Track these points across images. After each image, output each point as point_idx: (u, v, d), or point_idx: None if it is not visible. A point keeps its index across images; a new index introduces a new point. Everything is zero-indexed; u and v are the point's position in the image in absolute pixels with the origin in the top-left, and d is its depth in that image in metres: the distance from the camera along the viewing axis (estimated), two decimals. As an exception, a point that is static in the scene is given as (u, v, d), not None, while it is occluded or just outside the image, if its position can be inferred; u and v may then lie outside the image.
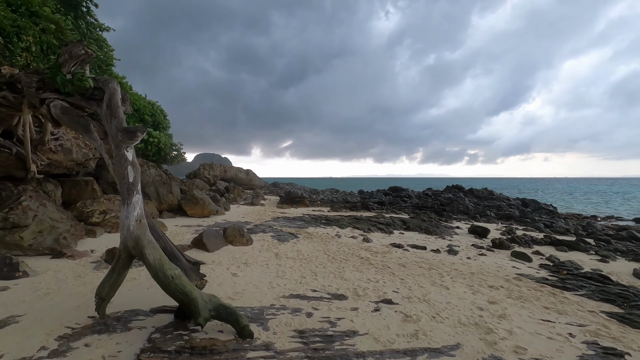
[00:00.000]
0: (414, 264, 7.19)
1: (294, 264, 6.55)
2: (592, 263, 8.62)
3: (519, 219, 17.50)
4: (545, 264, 8.22)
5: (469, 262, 7.71)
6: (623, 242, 11.92)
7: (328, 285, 5.38)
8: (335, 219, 13.15)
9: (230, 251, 7.28)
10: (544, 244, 10.82)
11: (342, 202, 21.74)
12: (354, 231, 11.25)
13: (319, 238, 9.52)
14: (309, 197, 21.93)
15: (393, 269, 6.65)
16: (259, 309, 4.27)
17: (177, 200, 11.73)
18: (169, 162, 29.84)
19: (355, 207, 18.26)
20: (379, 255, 7.78)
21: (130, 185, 3.91)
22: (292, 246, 8.23)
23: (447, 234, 12.00)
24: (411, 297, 4.98)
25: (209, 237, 7.30)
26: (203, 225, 10.47)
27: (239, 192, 22.25)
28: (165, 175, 11.79)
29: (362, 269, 6.53)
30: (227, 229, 8.02)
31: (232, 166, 37.27)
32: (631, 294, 5.74)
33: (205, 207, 11.83)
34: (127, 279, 4.94)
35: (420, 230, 12.20)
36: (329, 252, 7.78)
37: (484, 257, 8.56)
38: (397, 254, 8.07)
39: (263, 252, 7.37)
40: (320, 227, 11.68)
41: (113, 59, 17.49)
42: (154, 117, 25.15)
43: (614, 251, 10.13)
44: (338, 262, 6.96)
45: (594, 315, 4.83)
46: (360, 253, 7.92)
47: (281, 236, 9.31)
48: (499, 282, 6.22)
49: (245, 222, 11.74)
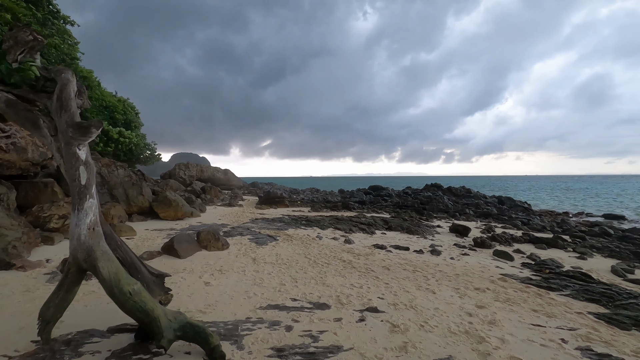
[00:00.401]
0: (398, 266, 6.95)
1: (273, 270, 6.15)
2: (572, 260, 8.67)
3: (497, 216, 17.76)
4: (527, 262, 8.19)
5: (452, 263, 7.55)
6: (597, 239, 12.21)
7: (309, 292, 5.02)
8: (316, 220, 12.81)
9: (204, 257, 6.79)
10: (524, 242, 10.89)
11: (323, 202, 21.44)
12: (335, 232, 10.94)
13: (299, 240, 9.15)
14: (288, 197, 21.48)
15: (377, 272, 6.37)
16: (233, 323, 3.86)
17: (148, 202, 11.04)
18: (143, 162, 28.60)
19: (336, 207, 17.99)
20: (362, 258, 7.50)
21: (82, 189, 3.41)
22: (270, 250, 7.82)
23: (428, 233, 11.90)
24: (397, 304, 4.70)
25: (180, 243, 6.79)
26: (176, 229, 9.87)
27: (216, 193, 21.50)
28: (135, 175, 11.07)
29: (345, 273, 6.22)
30: (201, 232, 7.52)
31: (210, 166, 36.24)
32: (614, 292, 5.71)
33: (178, 209, 11.19)
34: (84, 293, 4.42)
35: (402, 230, 12.04)
36: (310, 256, 7.42)
37: (467, 257, 8.45)
38: (381, 256, 7.82)
39: (240, 257, 6.93)
40: (300, 228, 11.31)
41: (77, 52, 16.42)
42: (125, 115, 23.97)
43: (590, 248, 10.29)
44: (319, 266, 6.61)
45: (582, 317, 4.71)
46: (343, 256, 7.62)
47: (259, 239, 8.88)
48: (485, 283, 6.06)
49: (221, 225, 11.20)
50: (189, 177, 28.43)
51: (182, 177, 27.64)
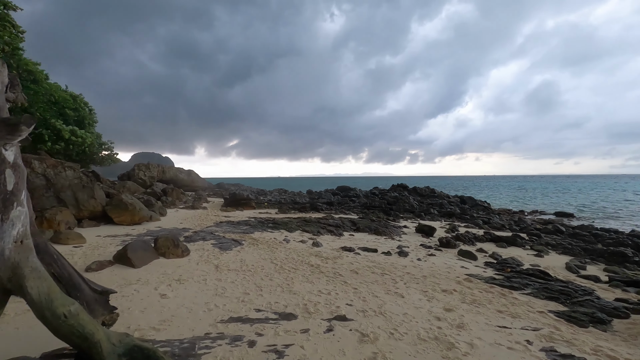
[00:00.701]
0: (367, 269, 6.84)
1: (237, 278, 5.81)
2: (530, 258, 9.05)
3: (460, 216, 18.38)
4: (489, 261, 8.42)
5: (420, 264, 7.59)
6: (551, 236, 12.91)
7: (275, 302, 4.75)
8: (283, 222, 12.51)
9: (162, 266, 6.30)
10: (486, 241, 11.26)
11: (291, 204, 21.13)
12: (303, 235, 10.71)
13: (265, 244, 8.83)
14: (255, 199, 20.95)
15: (345, 276, 6.22)
16: (190, 341, 3.52)
17: (101, 206, 10.19)
18: (98, 162, 26.75)
19: (304, 209, 17.76)
20: (330, 262, 7.33)
21: (8, 195, 2.93)
22: (235, 255, 7.44)
23: (395, 234, 12.00)
24: (366, 311, 4.55)
25: (135, 250, 6.25)
26: (132, 235, 9.18)
27: (178, 195, 20.51)
28: (85, 177, 10.19)
29: (313, 278, 6.01)
30: (159, 238, 6.99)
31: (172, 166, 34.69)
32: (571, 290, 5.94)
33: (135, 213, 10.44)
34: (16, 312, 3.88)
35: (369, 231, 12.05)
36: (277, 261, 7.14)
37: (433, 257, 8.55)
38: (349, 259, 7.69)
39: (201, 265, 6.50)
40: (267, 231, 10.97)
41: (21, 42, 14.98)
42: (77, 112, 22.28)
43: (546, 245, 10.84)
44: (286, 271, 6.35)
45: (544, 316, 4.82)
46: (310, 260, 7.40)
47: (223, 244, 8.46)
48: (452, 284, 6.10)
49: (183, 229, 10.60)
50: (149, 178, 27.02)
51: (142, 179, 26.22)
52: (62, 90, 20.75)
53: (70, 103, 20.70)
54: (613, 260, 9.01)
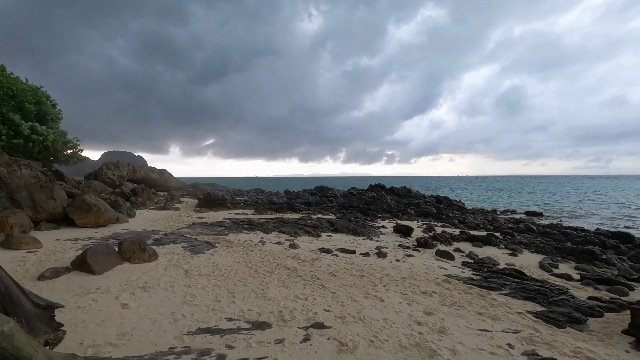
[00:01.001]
0: (345, 271, 6.65)
1: (208, 283, 5.45)
2: (505, 257, 9.17)
3: (436, 215, 18.60)
4: (466, 261, 8.44)
5: (399, 266, 7.47)
6: (523, 235, 13.23)
7: (248, 309, 4.45)
8: (259, 223, 12.14)
9: (126, 272, 5.84)
10: (462, 240, 11.36)
11: (268, 204, 20.68)
12: (280, 236, 10.40)
13: (240, 247, 8.46)
14: (231, 199, 20.34)
15: (323, 280, 5.99)
16: (151, 357, 3.17)
17: (61, 207, 9.45)
18: (62, 161, 25.25)
19: (282, 209, 17.40)
20: (307, 264, 7.08)
21: None
22: (207, 259, 7.05)
23: (374, 234, 11.90)
24: (345, 317, 4.34)
25: (96, 255, 5.76)
26: (95, 238, 8.57)
27: (149, 195, 19.59)
28: (44, 176, 9.42)
29: (289, 282, 5.74)
30: (124, 242, 6.50)
31: (144, 165, 33.32)
32: (547, 289, 5.98)
33: (100, 215, 9.76)
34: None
35: (347, 232, 11.89)
36: (251, 264, 6.81)
37: (411, 258, 8.47)
38: (327, 261, 7.47)
39: (170, 270, 6.08)
40: (242, 233, 10.57)
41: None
42: (39, 106, 20.92)
43: (519, 244, 11.06)
44: (261, 275, 6.05)
45: (523, 317, 4.78)
46: (287, 262, 7.12)
47: (195, 247, 8.03)
48: (431, 286, 6.00)
49: (152, 231, 10.02)
50: (118, 177, 25.80)
51: (111, 178, 25.00)
52: (21, 83, 19.40)
53: (30, 96, 19.39)
54: (583, 258, 9.28)
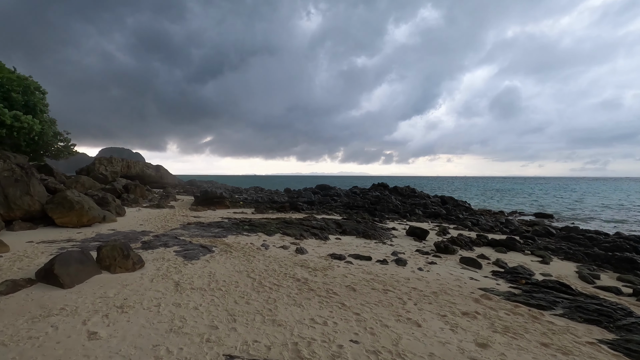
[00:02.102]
0: (365, 284, 5.65)
1: (202, 301, 4.44)
2: (537, 266, 8.21)
3: (446, 217, 17.65)
4: (496, 270, 7.47)
5: (424, 276, 6.48)
6: (543, 239, 12.30)
7: (253, 340, 3.44)
8: (261, 224, 11.12)
9: (103, 284, 4.82)
10: (482, 245, 10.40)
11: (269, 203, 19.59)
12: (284, 239, 9.39)
13: (240, 251, 7.45)
14: (229, 197, 19.24)
15: (341, 295, 5.00)
16: None
17: (39, 204, 8.40)
18: (53, 155, 24.10)
19: (284, 208, 16.35)
20: (319, 274, 6.08)
21: None
22: (202, 267, 6.04)
23: (385, 237, 10.92)
24: (379, 352, 3.35)
25: (66, 264, 4.73)
26: (75, 240, 7.53)
27: (142, 192, 18.48)
28: (20, 169, 8.36)
29: (301, 299, 4.74)
30: (103, 247, 5.48)
31: (139, 161, 32.18)
32: (608, 308, 5.01)
33: (83, 213, 8.71)
34: None
35: (357, 234, 10.90)
36: (254, 274, 5.81)
37: (434, 266, 7.50)
38: (341, 270, 6.47)
39: (157, 282, 5.06)
40: (242, 235, 9.55)
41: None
42: (26, 96, 19.75)
43: (545, 249, 10.11)
44: (267, 289, 5.05)
45: (598, 349, 3.80)
46: (296, 272, 6.13)
47: (189, 251, 7.01)
48: (470, 304, 5.02)
49: (142, 232, 8.99)
50: (111, 173, 24.68)
51: (103, 174, 23.87)
52: (7, 71, 18.25)
53: (16, 85, 18.23)
54: (622, 267, 8.33)
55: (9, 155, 9.05)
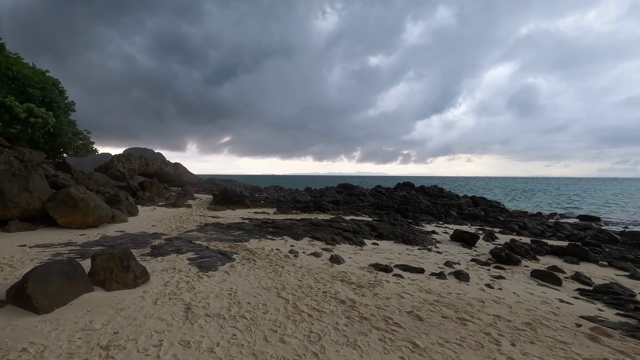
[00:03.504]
0: (430, 309, 4.31)
1: (221, 337, 3.21)
2: (628, 282, 6.64)
3: (485, 219, 15.99)
4: (582, 289, 5.98)
5: (500, 297, 5.07)
6: (609, 246, 10.62)
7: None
8: (286, 226, 9.90)
9: (92, 307, 3.67)
10: (545, 253, 8.85)
11: (291, 202, 18.34)
12: (313, 244, 8.14)
13: (266, 260, 6.24)
14: (250, 196, 18.15)
15: (407, 329, 3.68)
16: None
17: (39, 201, 7.47)
18: (73, 152, 23.75)
19: (308, 208, 15.10)
20: (368, 293, 4.79)
21: None
22: (220, 281, 4.85)
23: (427, 242, 9.51)
24: None
25: (45, 280, 3.63)
26: (76, 244, 6.50)
27: (159, 190, 17.64)
28: (18, 162, 7.45)
29: (355, 334, 3.46)
30: (98, 256, 4.36)
31: (157, 159, 31.70)
32: None
33: (89, 213, 7.73)
34: None
35: (395, 239, 9.53)
36: (286, 292, 4.57)
37: (503, 281, 6.07)
38: (393, 287, 5.16)
39: (162, 305, 3.88)
40: (266, 238, 8.37)
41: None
42: (44, 92, 19.26)
43: (623, 259, 8.48)
44: (306, 318, 3.79)
45: None
46: (337, 289, 4.85)
47: (205, 259, 5.85)
48: (586, 344, 3.61)
49: (153, 235, 7.93)
50: (129, 170, 24.11)
51: (121, 171, 23.31)
52: (24, 65, 17.75)
53: (34, 80, 17.71)
54: None
55: (35, 153, 8.16)
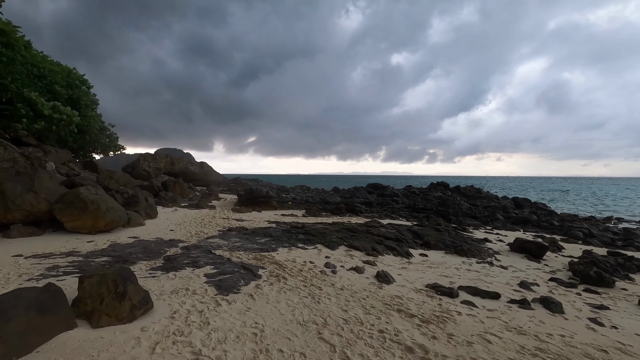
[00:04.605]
0: (540, 366, 3.00)
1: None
2: None
3: (537, 223, 14.18)
4: None
5: (624, 344, 3.66)
6: None
7: None
8: (318, 232, 8.74)
9: (66, 356, 2.64)
10: (637, 270, 7.20)
11: (320, 203, 17.09)
12: (352, 254, 6.93)
13: (298, 277, 5.09)
14: (277, 197, 17.14)
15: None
16: None
17: (46, 203, 6.71)
18: (101, 151, 23.78)
19: (339, 210, 13.87)
20: (439, 333, 3.51)
21: None
22: (243, 312, 3.72)
23: (484, 252, 8.06)
24: None
25: (5, 318, 2.63)
26: (80, 253, 5.61)
27: (182, 190, 16.98)
28: (24, 159, 6.72)
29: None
30: (87, 278, 3.35)
31: (182, 158, 31.50)
32: None
33: (99, 216, 6.89)
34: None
35: (445, 248, 8.15)
36: (330, 333, 3.38)
37: (610, 313, 4.61)
38: (469, 324, 3.85)
39: (162, 355, 2.79)
40: (297, 247, 7.24)
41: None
42: (70, 90, 19.14)
43: None
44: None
45: None
46: (397, 327, 3.61)
47: (226, 277, 4.78)
48: None
49: (170, 242, 6.98)
50: (154, 169, 23.82)
51: (146, 170, 23.04)
52: (51, 62, 17.61)
53: (60, 78, 17.52)
54: None
55: (61, 152, 7.49)
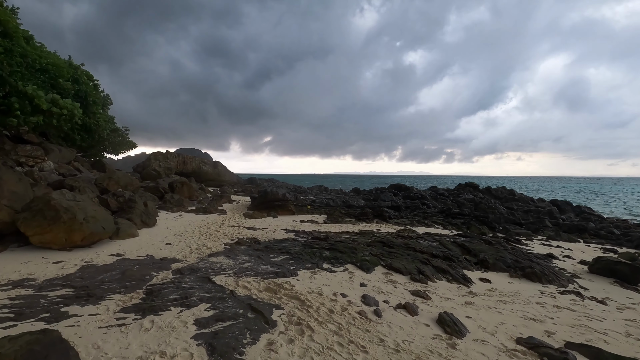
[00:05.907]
0: None
1: None
2: None
3: (596, 232, 12.18)
4: None
5: None
6: None
7: None
8: (345, 246, 7.15)
9: None
10: None
11: (343, 207, 15.47)
12: (393, 280, 5.31)
13: (329, 325, 3.53)
14: (294, 199, 15.53)
15: None
16: None
17: (10, 212, 5.39)
18: (111, 149, 22.87)
19: (365, 216, 12.17)
20: None
21: None
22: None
23: (559, 276, 6.31)
24: None
25: None
26: (34, 281, 4.19)
27: (190, 192, 15.61)
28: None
29: None
30: None
31: (195, 157, 30.44)
32: None
33: (75, 228, 5.51)
34: None
35: (508, 269, 6.43)
36: None
37: None
38: None
39: None
40: (322, 269, 5.68)
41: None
42: (77, 86, 18.16)
43: None
44: None
45: None
46: None
47: (225, 327, 3.27)
48: None
49: (160, 262, 5.53)
50: (165, 169, 22.72)
51: (157, 170, 21.95)
52: (53, 55, 16.61)
53: (65, 72, 16.50)
54: None
55: (65, 150, 6.25)
